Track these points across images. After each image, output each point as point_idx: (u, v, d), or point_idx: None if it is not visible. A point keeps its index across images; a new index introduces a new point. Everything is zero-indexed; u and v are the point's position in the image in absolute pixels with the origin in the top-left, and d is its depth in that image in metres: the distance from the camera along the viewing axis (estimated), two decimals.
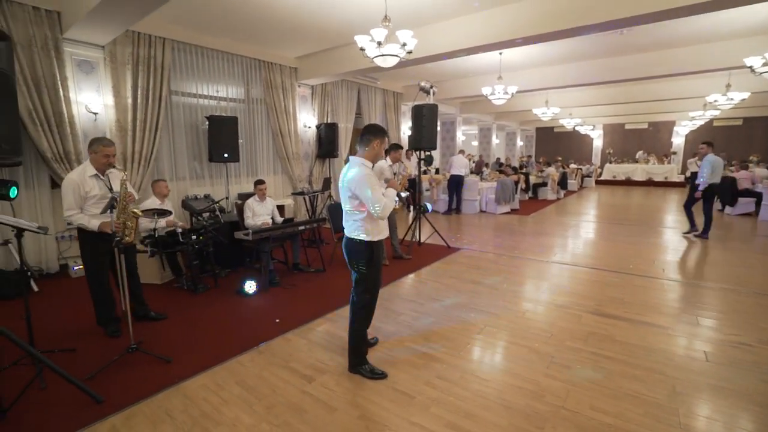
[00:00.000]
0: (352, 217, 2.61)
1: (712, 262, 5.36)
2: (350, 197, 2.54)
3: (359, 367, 2.69)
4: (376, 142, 2.57)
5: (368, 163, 2.57)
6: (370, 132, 2.59)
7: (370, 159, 2.59)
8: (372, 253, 2.61)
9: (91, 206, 3.10)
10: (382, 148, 2.61)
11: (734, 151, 15.77)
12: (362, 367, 2.68)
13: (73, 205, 3.06)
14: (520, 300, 4.00)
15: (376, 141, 2.57)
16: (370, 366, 2.69)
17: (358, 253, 2.61)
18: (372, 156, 2.59)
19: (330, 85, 8.43)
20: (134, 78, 5.49)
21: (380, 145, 2.59)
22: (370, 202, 2.44)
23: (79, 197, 3.07)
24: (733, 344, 3.03)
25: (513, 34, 4.99)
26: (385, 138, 2.63)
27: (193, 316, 3.76)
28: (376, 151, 2.59)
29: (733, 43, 6.41)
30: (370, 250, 2.60)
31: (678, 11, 4.02)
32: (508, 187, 9.41)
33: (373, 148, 2.58)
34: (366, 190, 2.43)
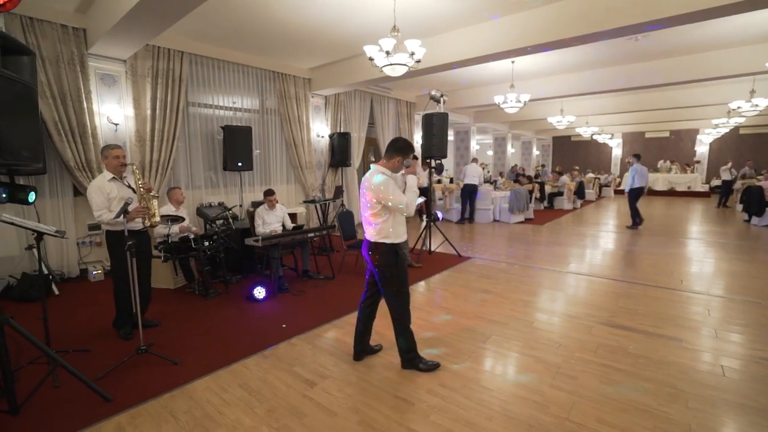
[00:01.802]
0: (374, 221, 2.72)
1: (733, 273, 5.15)
2: (374, 203, 2.66)
3: (413, 362, 2.80)
4: (398, 158, 2.73)
5: (387, 171, 2.73)
6: (394, 149, 2.74)
7: (391, 168, 2.74)
8: (397, 254, 2.73)
9: (114, 207, 3.25)
10: (402, 164, 2.75)
11: (762, 160, 15.21)
12: (416, 363, 2.79)
13: (101, 206, 3.23)
14: (530, 309, 3.92)
15: (397, 158, 2.73)
16: (423, 361, 2.80)
17: (383, 255, 2.71)
18: (392, 167, 2.75)
19: (343, 95, 8.57)
20: (153, 90, 5.71)
21: (400, 162, 2.74)
22: (395, 204, 2.61)
23: (105, 198, 3.25)
24: (755, 359, 2.89)
25: (523, 42, 4.99)
26: (410, 154, 2.76)
27: (202, 320, 3.83)
28: (396, 166, 2.75)
29: (756, 47, 6.23)
30: (394, 252, 2.73)
31: (690, 16, 3.95)
32: (522, 197, 9.30)
33: (395, 162, 2.74)
34: (388, 195, 2.61)
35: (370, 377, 2.73)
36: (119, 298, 3.39)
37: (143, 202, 3.16)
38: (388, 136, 9.86)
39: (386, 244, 2.70)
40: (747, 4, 3.72)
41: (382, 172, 2.69)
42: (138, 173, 3.24)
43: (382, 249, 2.71)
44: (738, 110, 8.42)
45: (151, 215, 3.20)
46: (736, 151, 16.31)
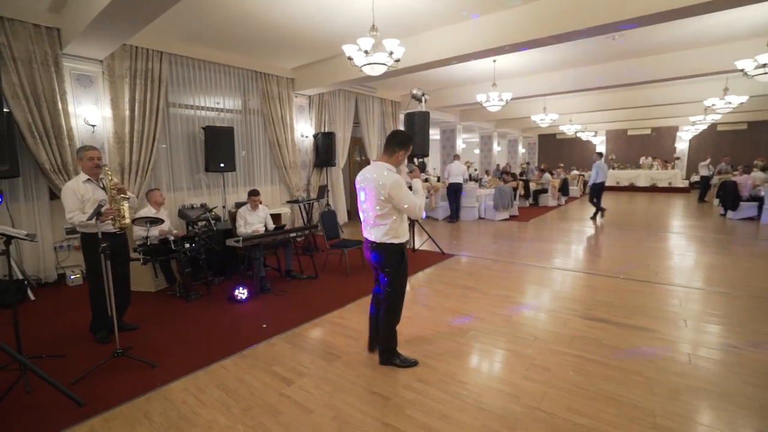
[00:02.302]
0: (382, 221, 2.65)
1: (708, 266, 5.30)
2: (382, 202, 2.59)
3: (391, 360, 2.82)
4: (400, 152, 2.68)
5: (392, 168, 2.67)
6: (396, 143, 2.67)
7: (393, 164, 2.69)
8: (403, 254, 2.75)
9: (89, 209, 3.20)
10: (405, 157, 2.74)
11: (739, 156, 15.61)
12: (394, 360, 2.82)
13: (73, 208, 3.18)
14: (509, 304, 3.98)
15: (401, 152, 2.68)
16: (401, 357, 2.83)
17: (390, 255, 2.71)
18: (395, 162, 2.70)
19: (327, 94, 8.56)
20: (132, 91, 5.64)
21: (404, 155, 2.71)
22: (411, 206, 2.58)
23: (78, 200, 3.20)
24: (720, 347, 2.99)
25: (501, 41, 5.06)
26: (410, 147, 2.73)
27: (182, 322, 3.81)
28: (399, 161, 2.71)
29: (727, 46, 6.41)
30: (401, 252, 2.73)
31: (660, 16, 4.05)
32: (507, 194, 9.41)
33: (397, 157, 2.68)
34: (402, 196, 2.55)
35: (348, 374, 2.75)
36: (95, 302, 3.35)
37: (113, 203, 3.11)
38: (374, 136, 9.89)
39: (394, 244, 2.68)
40: (714, 4, 3.83)
41: (389, 170, 2.61)
42: (110, 174, 3.18)
43: (389, 249, 2.69)
44: (713, 107, 8.65)
45: (120, 217, 3.15)
46: (715, 148, 16.72)
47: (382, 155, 2.72)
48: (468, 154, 20.16)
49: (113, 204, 3.10)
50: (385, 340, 2.84)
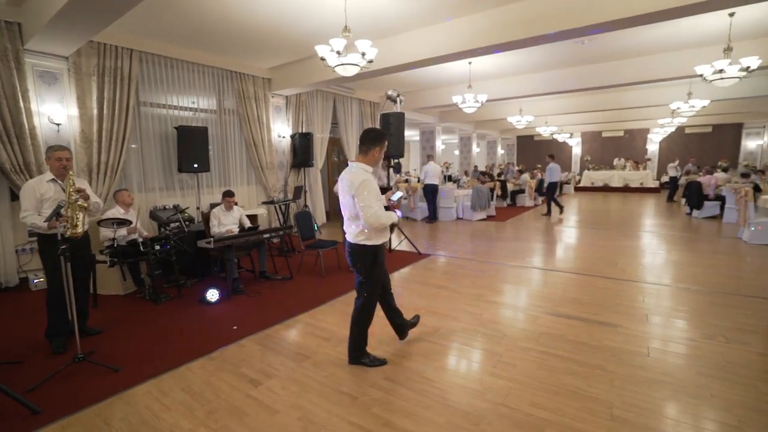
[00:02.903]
0: (354, 222, 2.66)
1: (672, 262, 5.50)
2: (352, 201, 2.58)
3: (360, 359, 2.82)
4: (376, 150, 2.65)
5: (368, 168, 2.63)
6: (370, 140, 2.64)
7: (369, 163, 2.66)
8: (375, 257, 2.70)
9: (47, 209, 3.09)
10: (381, 153, 2.69)
11: (705, 157, 16.28)
12: (362, 360, 2.81)
13: (29, 207, 3.08)
14: (480, 303, 4.04)
15: (376, 149, 2.65)
16: (370, 357, 2.83)
17: (361, 257, 2.69)
18: (372, 161, 2.66)
19: (304, 95, 8.51)
20: (100, 89, 5.48)
21: (380, 151, 2.67)
22: (364, 210, 2.50)
23: (36, 200, 3.10)
24: (678, 340, 3.11)
25: (474, 44, 5.14)
26: (385, 143, 2.71)
27: (150, 325, 3.72)
28: (376, 158, 2.67)
29: (688, 52, 6.68)
30: (373, 254, 2.70)
31: (623, 22, 4.20)
32: (484, 194, 9.54)
33: (373, 155, 2.65)
34: (363, 192, 2.50)
35: (316, 375, 2.74)
36: (50, 307, 3.21)
37: (70, 210, 2.94)
38: (352, 137, 9.88)
39: (366, 246, 2.66)
40: (669, 12, 4.00)
41: (363, 170, 2.59)
42: (72, 178, 3.01)
43: (360, 251, 2.68)
44: (678, 110, 9.00)
45: (73, 225, 2.92)
46: (683, 149, 17.39)
47: (358, 155, 2.70)
48: (448, 155, 20.36)
49: (68, 211, 2.93)
50: (355, 340, 2.84)
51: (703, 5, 3.87)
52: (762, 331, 3.24)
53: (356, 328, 2.83)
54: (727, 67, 5.26)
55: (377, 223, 2.54)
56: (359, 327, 2.83)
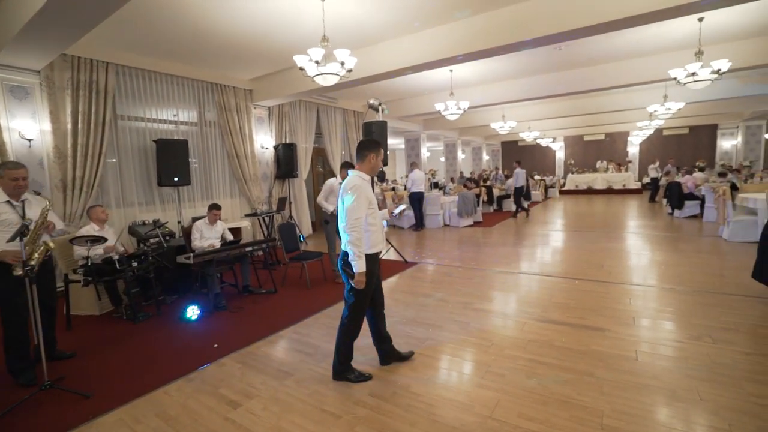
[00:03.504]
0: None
1: (657, 263, 5.55)
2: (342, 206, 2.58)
3: (344, 374, 2.73)
4: (371, 156, 2.66)
5: (365, 176, 2.64)
6: (364, 147, 2.70)
7: (366, 171, 2.66)
8: (366, 265, 2.58)
9: (2, 232, 2.91)
10: (378, 159, 2.68)
11: (684, 158, 16.69)
12: (347, 375, 2.72)
13: None
14: (467, 311, 3.99)
15: (371, 154, 2.67)
16: (355, 373, 2.73)
17: (348, 266, 2.60)
18: (368, 169, 2.67)
19: (287, 105, 8.45)
20: (74, 103, 5.34)
21: (376, 157, 2.67)
22: (347, 210, 2.49)
23: None
24: (665, 342, 3.10)
25: (453, 51, 5.17)
26: (380, 149, 2.71)
27: (127, 346, 3.56)
28: (373, 164, 2.67)
29: (661, 57, 6.85)
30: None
31: (595, 28, 4.28)
32: (470, 201, 9.56)
33: (369, 161, 2.66)
34: (350, 197, 2.50)
35: (299, 393, 2.63)
36: (6, 335, 2.94)
37: (30, 245, 2.73)
38: (336, 147, 9.84)
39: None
40: (642, 18, 4.09)
41: (360, 177, 2.61)
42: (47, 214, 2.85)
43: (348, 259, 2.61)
44: (655, 113, 9.20)
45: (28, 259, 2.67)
46: (662, 151, 17.80)
47: (357, 165, 2.72)
48: (434, 162, 20.46)
49: (29, 246, 2.72)
50: (340, 354, 2.75)
51: (674, 10, 3.96)
52: (745, 330, 3.25)
53: (341, 340, 2.74)
54: (699, 70, 5.39)
55: (355, 230, 2.48)
56: (345, 340, 2.74)
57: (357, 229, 2.49)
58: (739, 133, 15.99)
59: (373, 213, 2.63)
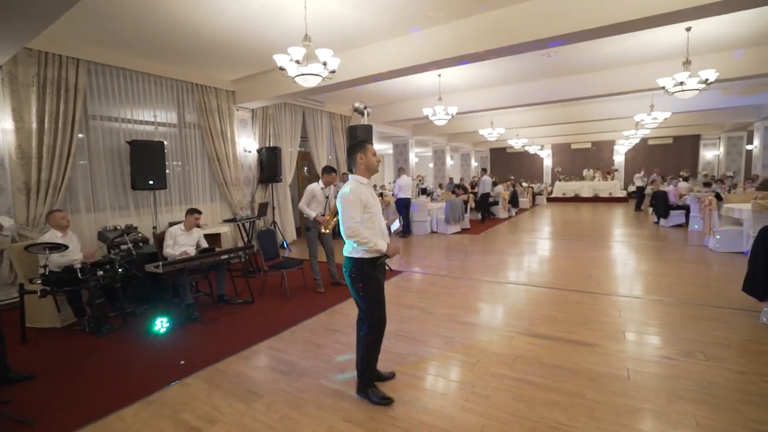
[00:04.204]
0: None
1: (643, 273, 5.47)
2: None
3: (366, 390, 2.55)
4: (358, 156, 2.54)
5: (362, 179, 2.54)
6: (351, 151, 2.60)
7: (362, 173, 2.55)
8: (363, 269, 2.48)
9: None
10: (369, 157, 2.53)
11: (668, 167, 16.93)
12: (369, 391, 2.54)
13: None
14: (452, 324, 3.81)
15: (358, 155, 2.54)
16: (376, 391, 2.54)
17: (353, 271, 2.50)
18: (363, 170, 2.55)
19: (271, 108, 8.23)
20: (40, 101, 5.05)
21: (365, 156, 2.53)
22: (344, 223, 2.41)
23: None
24: (655, 358, 2.97)
25: (439, 55, 5.04)
26: (365, 147, 2.57)
27: (86, 364, 3.29)
28: (366, 163, 2.53)
29: (649, 66, 6.85)
30: (360, 267, 2.48)
31: (586, 33, 4.20)
32: (458, 207, 9.44)
33: (360, 162, 2.53)
34: (340, 204, 2.45)
35: (267, 418, 2.41)
36: None
37: None
38: (323, 151, 9.64)
39: (353, 258, 2.49)
40: (630, 24, 4.04)
41: (357, 181, 2.52)
42: None
43: (349, 265, 2.51)
44: (642, 122, 9.24)
45: None
46: (648, 160, 18.04)
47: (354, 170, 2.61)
48: (422, 168, 20.39)
49: None
50: (360, 368, 2.59)
51: (661, 18, 3.91)
52: (737, 345, 3.14)
53: (361, 358, 2.57)
54: (687, 80, 5.36)
55: (355, 236, 2.39)
56: (365, 357, 2.57)
57: (355, 236, 2.39)
58: (721, 144, 16.30)
59: (371, 217, 2.49)
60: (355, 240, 2.40)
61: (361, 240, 2.39)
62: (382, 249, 2.45)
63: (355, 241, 2.40)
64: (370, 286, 2.52)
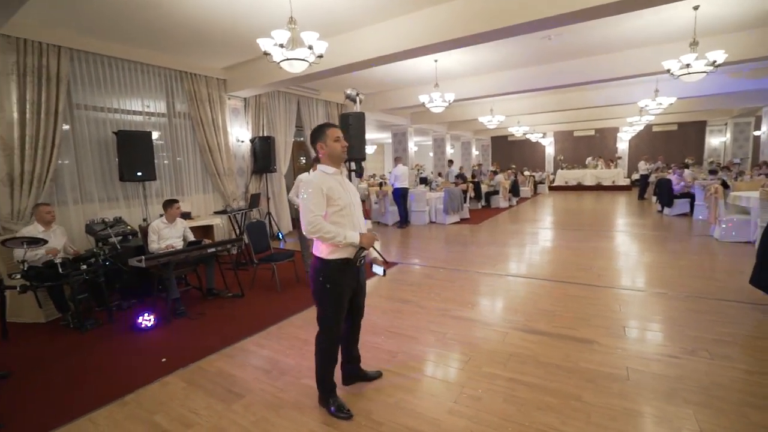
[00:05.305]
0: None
1: (646, 265, 5.30)
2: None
3: (324, 401, 2.36)
4: (319, 146, 2.29)
5: (327, 169, 2.28)
6: (311, 138, 2.37)
7: (326, 162, 2.30)
8: (324, 273, 2.23)
9: None
10: (329, 143, 2.26)
11: (672, 154, 16.61)
12: (328, 401, 2.34)
13: None
14: (445, 319, 3.68)
15: (318, 144, 2.29)
16: (336, 402, 2.32)
17: (313, 272, 2.28)
18: (326, 159, 2.30)
19: (265, 96, 8.02)
20: (21, 90, 4.86)
21: (324, 144, 2.27)
22: (302, 215, 2.20)
23: None
24: (657, 356, 2.82)
25: (435, 38, 4.79)
26: (326, 132, 2.28)
27: (65, 362, 3.18)
28: (328, 151, 2.27)
29: (654, 48, 6.56)
30: (324, 269, 2.24)
31: (586, 12, 3.95)
32: (456, 197, 9.26)
33: (323, 151, 2.29)
34: (303, 195, 2.20)
35: (243, 420, 2.29)
36: None
37: None
38: None
39: (318, 258, 2.27)
40: (633, 3, 3.79)
41: (321, 170, 2.29)
42: None
43: (314, 265, 2.29)
44: (646, 108, 8.96)
45: None
46: (652, 147, 17.70)
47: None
48: (422, 156, 20.15)
49: None
50: (318, 381, 2.38)
51: None
52: (743, 342, 2.99)
53: (317, 364, 2.37)
54: (693, 62, 5.11)
55: (317, 231, 2.13)
56: (318, 365, 2.37)
57: (318, 232, 2.13)
58: (728, 130, 15.94)
59: (339, 211, 2.21)
60: (318, 236, 2.14)
61: (324, 235, 2.13)
62: (353, 240, 2.18)
63: (319, 237, 2.15)
64: (334, 295, 2.26)
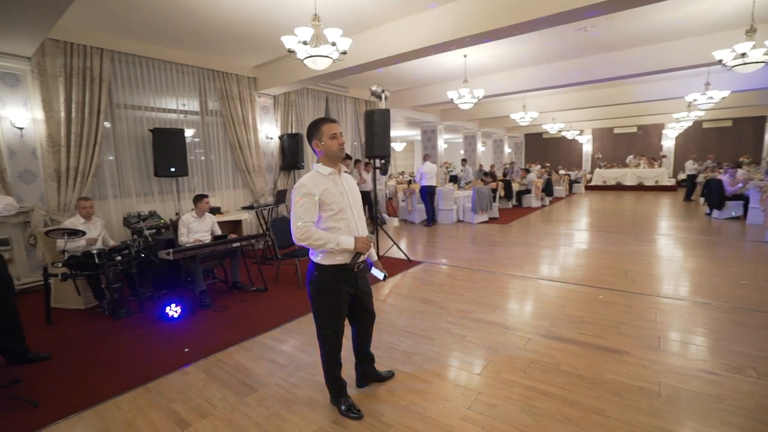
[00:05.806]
0: None
1: (689, 271, 4.92)
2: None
3: (335, 401, 2.34)
4: (314, 143, 2.19)
5: (323, 169, 2.17)
6: (307, 136, 2.24)
7: (324, 162, 2.19)
8: (319, 279, 2.17)
9: None
10: (325, 141, 2.14)
11: (725, 153, 15.43)
12: (338, 401, 2.31)
13: None
14: (466, 321, 3.57)
15: (314, 142, 2.19)
16: (347, 402, 2.30)
17: (313, 279, 2.21)
18: (323, 158, 2.19)
19: (294, 94, 8.14)
20: (67, 91, 5.18)
21: (319, 142, 2.16)
22: (293, 219, 2.08)
23: None
24: (696, 372, 2.59)
25: (461, 32, 4.65)
26: (321, 128, 2.16)
27: (99, 347, 3.36)
28: (325, 149, 2.16)
29: (705, 38, 6.08)
30: (316, 274, 2.18)
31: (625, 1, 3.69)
32: (485, 196, 9.02)
33: (320, 148, 2.17)
34: (295, 199, 2.09)
35: (256, 414, 2.32)
36: None
37: None
38: (347, 137, 9.49)
39: (315, 264, 2.19)
40: None
41: (316, 171, 2.18)
42: None
43: (310, 269, 2.22)
44: (695, 103, 8.34)
45: None
46: (700, 145, 16.53)
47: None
48: (452, 154, 19.85)
49: None
50: (326, 380, 2.37)
51: None
52: None
53: (322, 366, 2.36)
54: (749, 51, 4.68)
55: (306, 239, 2.03)
56: (323, 367, 2.35)
57: (307, 239, 2.03)
58: None
59: (334, 215, 2.11)
60: (307, 243, 2.04)
61: (314, 242, 2.03)
62: (347, 246, 2.09)
63: (309, 244, 2.04)
64: (330, 301, 2.19)
